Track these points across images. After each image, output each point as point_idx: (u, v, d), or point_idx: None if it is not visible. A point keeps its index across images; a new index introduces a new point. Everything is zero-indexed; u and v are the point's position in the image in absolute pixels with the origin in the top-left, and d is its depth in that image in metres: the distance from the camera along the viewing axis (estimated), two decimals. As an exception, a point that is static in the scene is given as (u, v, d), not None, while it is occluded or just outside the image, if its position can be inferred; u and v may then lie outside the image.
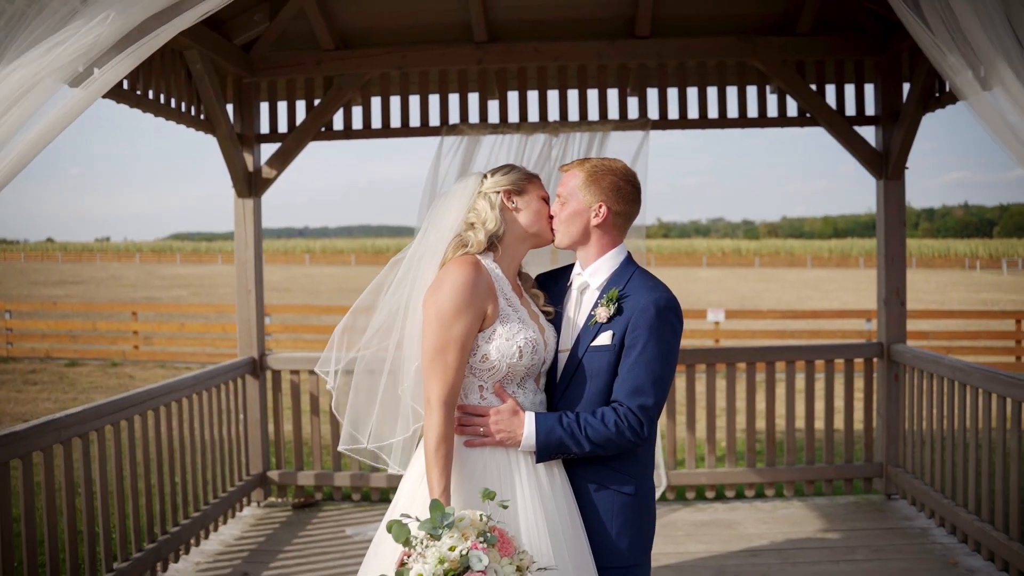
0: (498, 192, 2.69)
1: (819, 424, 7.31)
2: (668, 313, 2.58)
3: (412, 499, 2.55)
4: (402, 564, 2.21)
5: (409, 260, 2.76)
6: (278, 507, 6.28)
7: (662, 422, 6.21)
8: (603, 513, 2.59)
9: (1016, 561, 4.58)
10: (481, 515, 2.25)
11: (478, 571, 2.13)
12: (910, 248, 76.77)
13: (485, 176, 2.74)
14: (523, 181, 2.73)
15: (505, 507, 2.35)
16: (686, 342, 6.54)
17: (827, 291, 36.06)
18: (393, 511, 2.59)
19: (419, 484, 2.56)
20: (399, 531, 2.21)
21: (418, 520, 2.25)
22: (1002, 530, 4.78)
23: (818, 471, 6.26)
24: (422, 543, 2.19)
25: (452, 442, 2.48)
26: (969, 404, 5.14)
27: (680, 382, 6.47)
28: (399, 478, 6.27)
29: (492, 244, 2.68)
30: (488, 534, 2.21)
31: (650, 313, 2.55)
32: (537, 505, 2.48)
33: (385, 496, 6.32)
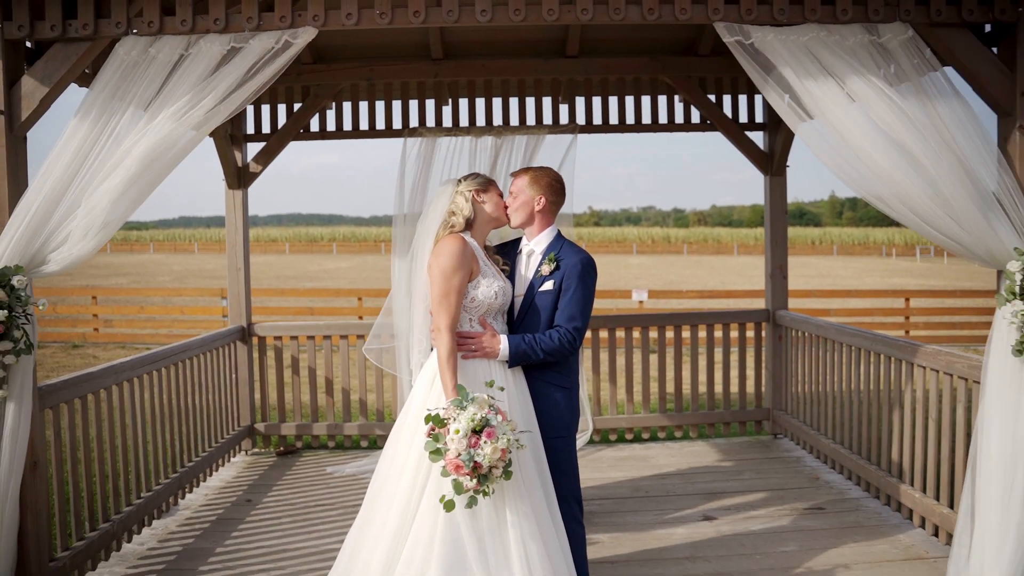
0: (470, 191, 3.92)
1: (718, 377, 8.64)
2: (589, 267, 3.88)
3: (426, 398, 3.72)
4: (430, 433, 3.39)
5: (413, 242, 3.99)
6: (263, 455, 7.33)
7: (590, 381, 7.46)
8: (553, 401, 3.87)
9: (856, 469, 5.97)
10: (487, 395, 3.46)
11: (493, 425, 3.34)
12: (832, 236, 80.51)
13: (459, 181, 3.96)
14: (486, 183, 3.97)
15: (502, 390, 3.60)
16: (611, 315, 7.66)
17: (750, 276, 37.80)
18: (408, 410, 3.78)
19: (429, 388, 3.74)
20: (436, 419, 3.41)
21: (443, 409, 3.46)
22: (848, 447, 6.15)
23: (718, 416, 7.59)
24: (455, 411, 3.38)
25: (456, 355, 3.67)
26: (829, 354, 6.49)
27: (603, 353, 7.67)
28: (370, 426, 7.41)
29: (468, 225, 3.90)
30: (492, 406, 3.43)
31: (578, 268, 3.84)
32: (504, 396, 3.68)
33: (356, 443, 7.44)
